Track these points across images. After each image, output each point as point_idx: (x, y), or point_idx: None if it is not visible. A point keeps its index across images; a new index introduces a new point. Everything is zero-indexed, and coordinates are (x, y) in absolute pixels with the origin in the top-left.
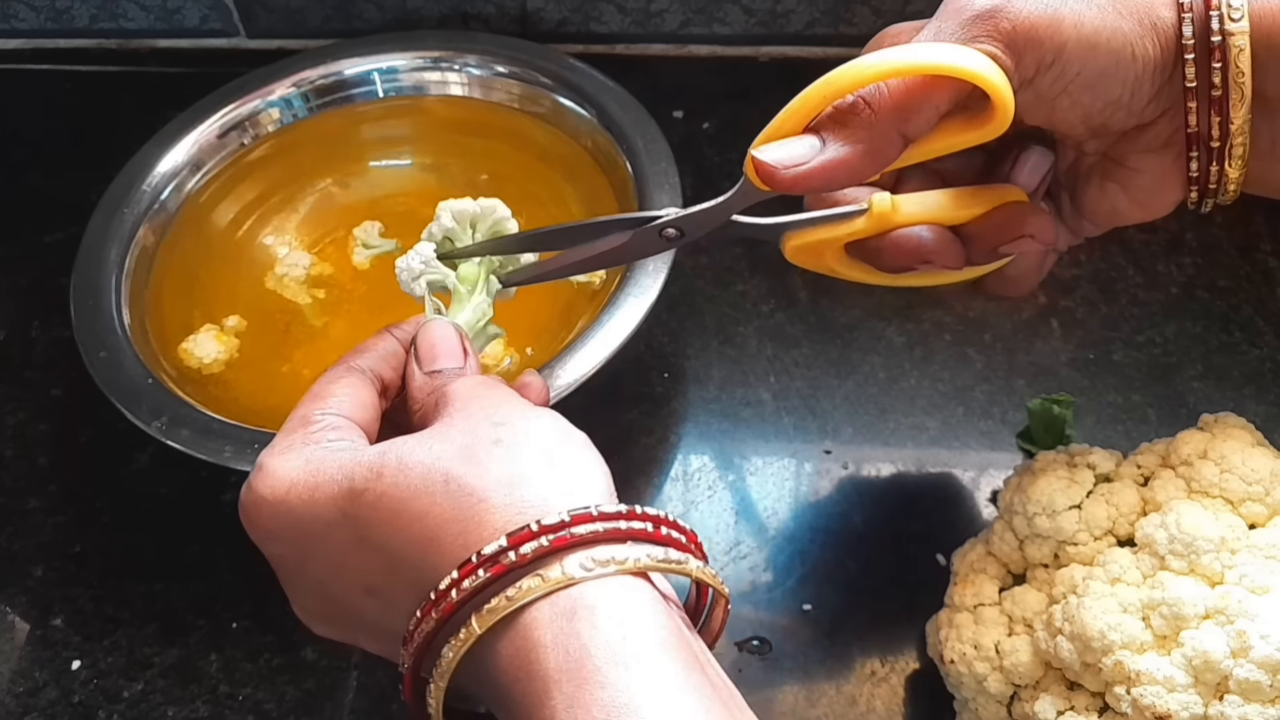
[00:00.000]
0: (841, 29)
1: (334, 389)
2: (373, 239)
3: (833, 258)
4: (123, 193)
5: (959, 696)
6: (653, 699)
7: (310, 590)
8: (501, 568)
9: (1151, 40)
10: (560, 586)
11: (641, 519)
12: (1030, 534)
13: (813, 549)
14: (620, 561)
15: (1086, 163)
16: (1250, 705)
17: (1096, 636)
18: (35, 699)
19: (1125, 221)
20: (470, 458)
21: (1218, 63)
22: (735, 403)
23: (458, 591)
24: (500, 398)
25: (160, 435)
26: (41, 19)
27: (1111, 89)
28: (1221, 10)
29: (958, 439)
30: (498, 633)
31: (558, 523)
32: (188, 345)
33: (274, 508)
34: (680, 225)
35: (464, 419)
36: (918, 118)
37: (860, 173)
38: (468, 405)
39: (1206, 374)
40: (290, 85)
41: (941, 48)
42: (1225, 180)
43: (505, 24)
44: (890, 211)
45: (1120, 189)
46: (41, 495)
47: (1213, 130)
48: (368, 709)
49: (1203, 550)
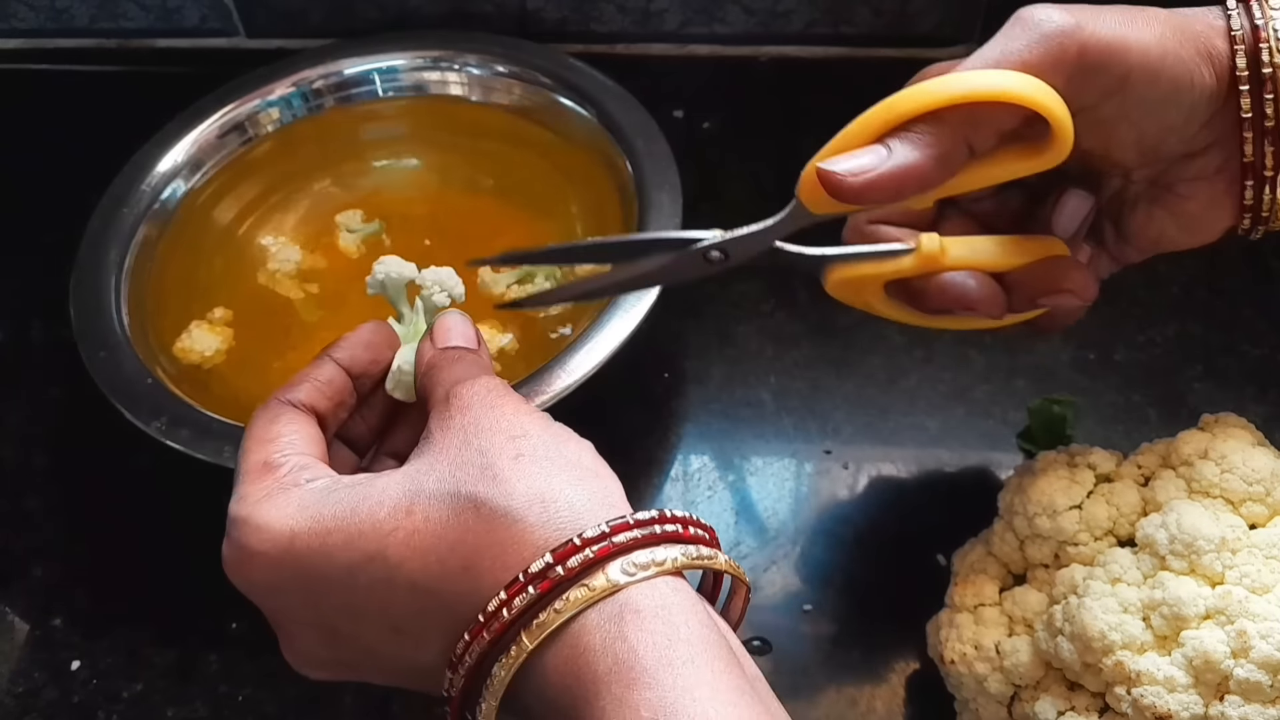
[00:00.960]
0: (841, 29)
1: (277, 428)
2: (355, 224)
3: (872, 295)
4: (122, 192)
5: (959, 697)
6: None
7: (319, 638)
8: (550, 583)
9: (1209, 69)
10: (606, 594)
11: (672, 521)
12: (1031, 534)
13: (813, 549)
14: (659, 563)
15: (1133, 190)
16: (1251, 705)
17: (1097, 637)
18: (35, 699)
19: (1171, 247)
20: (495, 478)
21: (1270, 94)
22: (735, 403)
23: (508, 611)
24: (511, 407)
25: (160, 435)
26: (41, 19)
27: (1170, 115)
28: (1270, 43)
29: (958, 439)
30: (546, 645)
31: (599, 534)
32: (184, 344)
33: (276, 560)
34: (725, 248)
35: (478, 435)
36: (985, 129)
37: (928, 180)
38: (481, 418)
39: (1207, 374)
40: (290, 85)
41: (1008, 76)
42: (1277, 207)
43: (505, 23)
44: (939, 253)
45: (1169, 215)
46: (41, 495)
47: (1266, 159)
48: (367, 709)
49: (1203, 550)
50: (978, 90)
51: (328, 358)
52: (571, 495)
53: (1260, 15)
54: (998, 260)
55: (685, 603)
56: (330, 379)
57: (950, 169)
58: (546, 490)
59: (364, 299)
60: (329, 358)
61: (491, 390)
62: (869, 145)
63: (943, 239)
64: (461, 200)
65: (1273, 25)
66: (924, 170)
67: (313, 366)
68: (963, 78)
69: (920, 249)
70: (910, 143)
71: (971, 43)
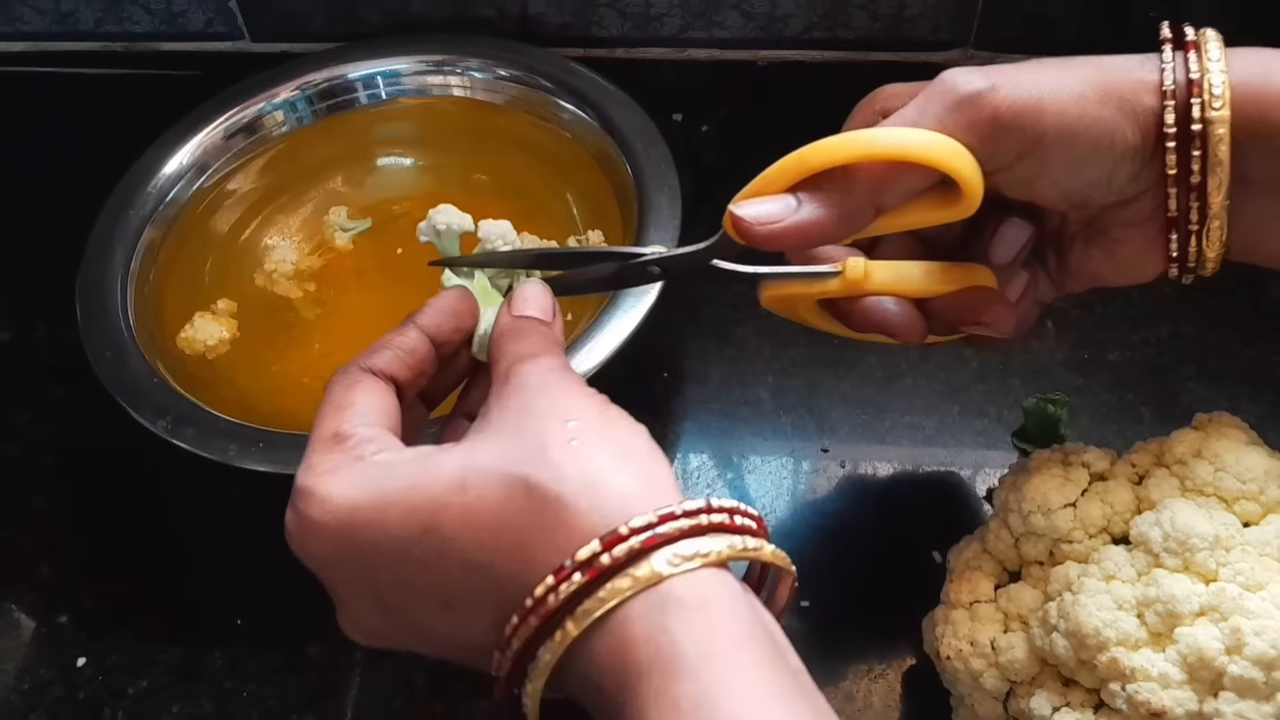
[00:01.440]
0: (839, 33)
1: (352, 396)
2: (345, 221)
3: (805, 310)
4: (128, 195)
5: (955, 693)
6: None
7: (374, 610)
8: (596, 571)
9: (1132, 127)
10: (650, 584)
11: (719, 511)
12: (1025, 532)
13: (810, 546)
14: (705, 555)
15: (1071, 228)
16: (1245, 702)
17: (1091, 633)
18: (41, 696)
19: (1108, 284)
20: (547, 461)
21: (1197, 150)
22: (733, 402)
23: (554, 597)
24: (568, 388)
25: (165, 434)
26: (46, 22)
27: (1089, 173)
28: (1204, 98)
29: (954, 438)
30: (590, 632)
31: (645, 524)
32: (187, 334)
33: (335, 533)
34: (664, 264)
35: (534, 417)
36: (891, 192)
37: (831, 235)
38: (538, 400)
39: (1200, 373)
40: (294, 88)
41: (917, 135)
42: (1204, 258)
43: (507, 28)
44: (862, 279)
45: (1103, 256)
46: (47, 494)
47: (1191, 214)
48: (371, 705)
49: (1197, 548)
50: (886, 148)
51: (412, 324)
52: (622, 482)
53: (1197, 68)
54: (921, 287)
55: (729, 595)
56: (413, 348)
57: (854, 226)
58: (598, 476)
59: (362, 296)
60: (414, 324)
61: (552, 370)
62: (780, 194)
63: (868, 263)
64: (463, 202)
65: (1209, 79)
66: (827, 227)
67: (396, 332)
68: (874, 134)
69: (845, 274)
70: (817, 200)
71: (967, 46)
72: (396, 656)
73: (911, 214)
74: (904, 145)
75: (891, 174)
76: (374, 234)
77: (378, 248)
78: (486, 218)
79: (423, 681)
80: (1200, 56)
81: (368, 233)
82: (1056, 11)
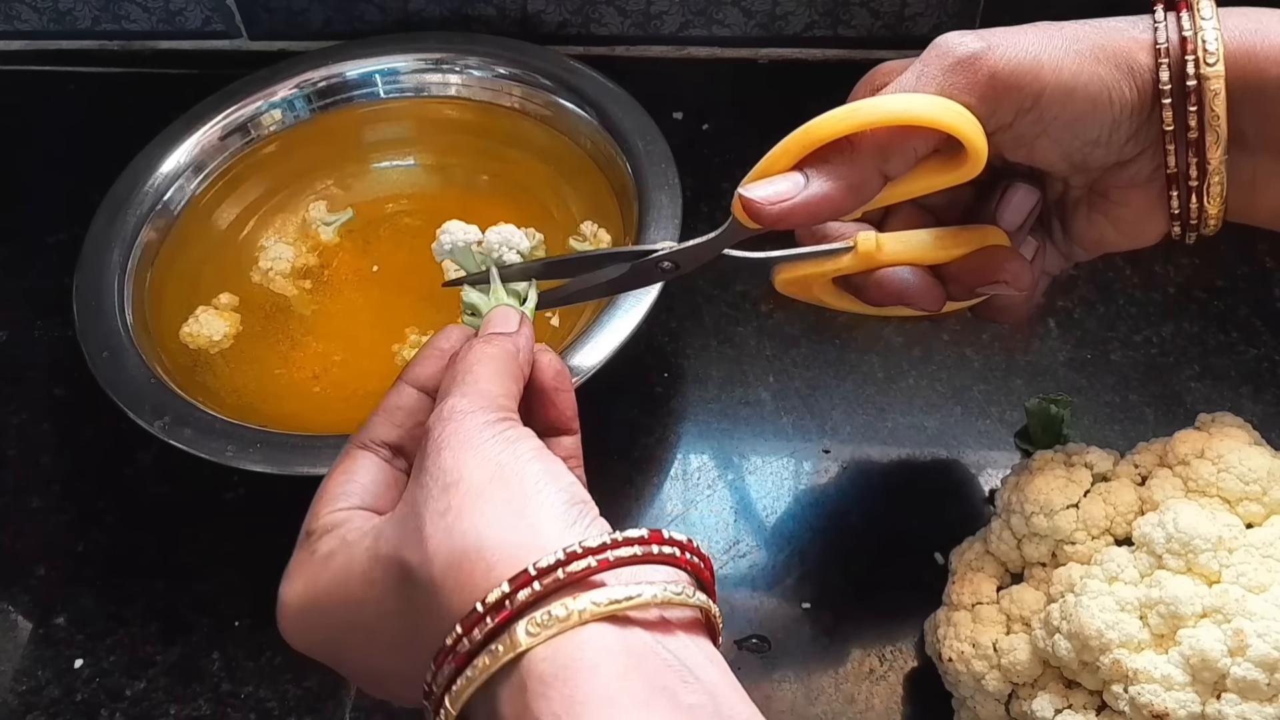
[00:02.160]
0: (840, 31)
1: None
2: (325, 215)
3: (820, 290)
4: (125, 194)
5: (957, 695)
6: None
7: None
8: (462, 657)
9: (1129, 85)
10: (509, 659)
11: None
12: (1028, 533)
13: (811, 547)
14: (563, 619)
15: (1073, 194)
16: (1248, 703)
17: (1094, 635)
18: (38, 697)
19: (1113, 249)
20: (420, 540)
21: (1193, 106)
22: (734, 402)
23: (436, 685)
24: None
25: (163, 435)
26: (44, 20)
27: (1089, 131)
28: (1198, 54)
29: (955, 438)
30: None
31: (499, 597)
32: (190, 329)
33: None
34: (675, 259)
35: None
36: (897, 159)
37: (841, 207)
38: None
39: (1203, 374)
40: (292, 87)
41: (918, 99)
42: (1205, 215)
43: (506, 26)
44: (875, 251)
45: (1106, 220)
46: (44, 495)
47: (1190, 170)
48: (369, 707)
49: (1200, 549)
50: (888, 114)
51: (402, 381)
52: (491, 549)
53: (1190, 26)
54: (934, 253)
55: (593, 657)
56: (403, 405)
57: (863, 196)
58: (466, 549)
59: (361, 295)
60: (404, 381)
61: (457, 422)
62: (788, 172)
63: (879, 236)
64: (463, 201)
65: (1201, 36)
66: (837, 199)
67: (388, 395)
68: (874, 103)
69: (857, 248)
70: (825, 173)
71: None
72: None
73: (918, 180)
74: (906, 109)
75: (896, 139)
76: (373, 234)
77: (377, 247)
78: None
79: None
80: (1193, 15)
81: (366, 232)
82: (1059, 10)
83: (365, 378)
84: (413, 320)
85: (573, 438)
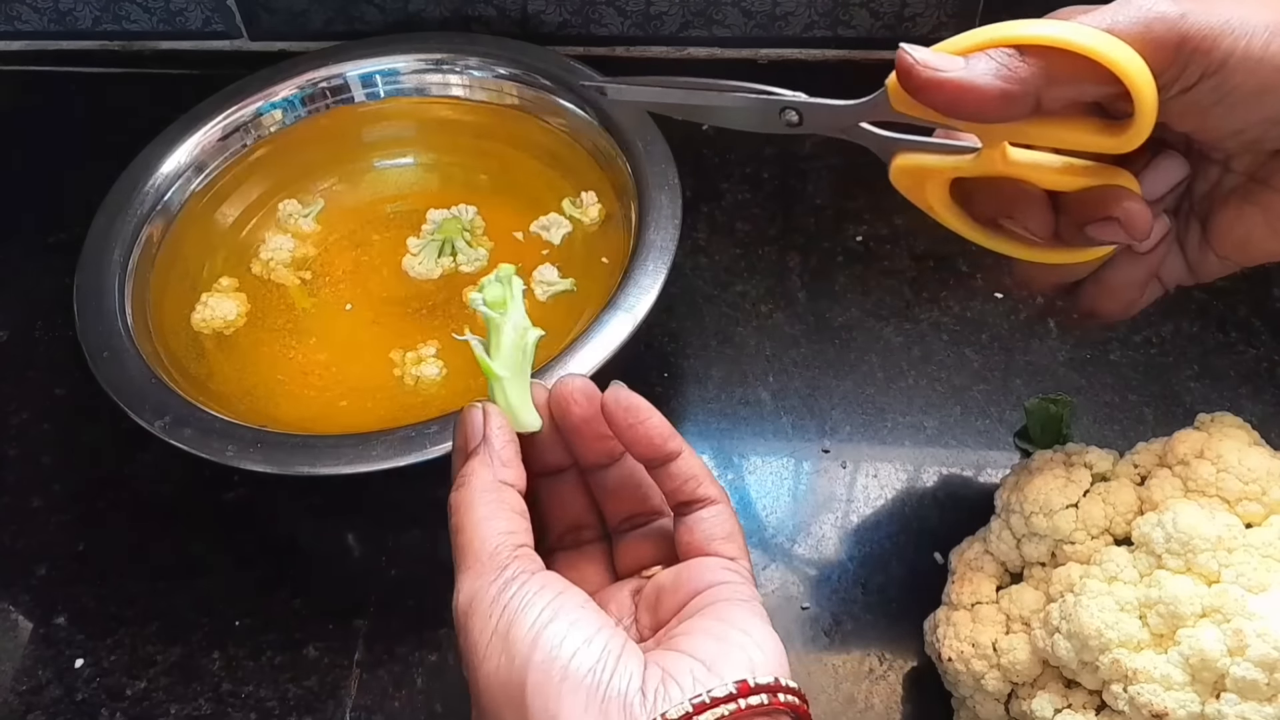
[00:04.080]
0: (840, 31)
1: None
2: (299, 209)
3: (934, 190)
4: (126, 194)
5: (957, 694)
6: None
7: None
8: None
9: None
10: None
11: None
12: (1027, 533)
13: (811, 548)
14: None
15: (1229, 183)
16: (1247, 703)
17: (1094, 635)
18: (38, 697)
19: (1254, 256)
20: None
21: None
22: (734, 402)
23: None
24: (488, 645)
25: (163, 434)
26: (45, 21)
27: (1269, 106)
28: None
29: (955, 438)
30: None
31: None
32: (201, 315)
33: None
34: (801, 110)
35: None
36: (1059, 89)
37: (986, 107)
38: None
39: (1203, 374)
40: (293, 87)
41: (1112, 40)
42: None
43: (506, 26)
44: (1000, 156)
45: (1260, 213)
46: (45, 494)
47: None
48: (369, 706)
49: (1199, 549)
50: (1076, 41)
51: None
52: None
53: None
54: (1058, 178)
55: None
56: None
57: (1009, 110)
58: None
59: (356, 282)
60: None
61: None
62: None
63: (1008, 145)
64: (463, 201)
65: None
66: (986, 97)
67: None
68: (1069, 26)
69: (983, 150)
70: (985, 65)
71: None
72: (396, 657)
73: (1071, 131)
74: (1096, 43)
75: (1066, 69)
76: (373, 234)
77: (378, 247)
78: (487, 217)
79: (422, 683)
80: None
81: (366, 232)
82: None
83: (365, 377)
84: (413, 320)
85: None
